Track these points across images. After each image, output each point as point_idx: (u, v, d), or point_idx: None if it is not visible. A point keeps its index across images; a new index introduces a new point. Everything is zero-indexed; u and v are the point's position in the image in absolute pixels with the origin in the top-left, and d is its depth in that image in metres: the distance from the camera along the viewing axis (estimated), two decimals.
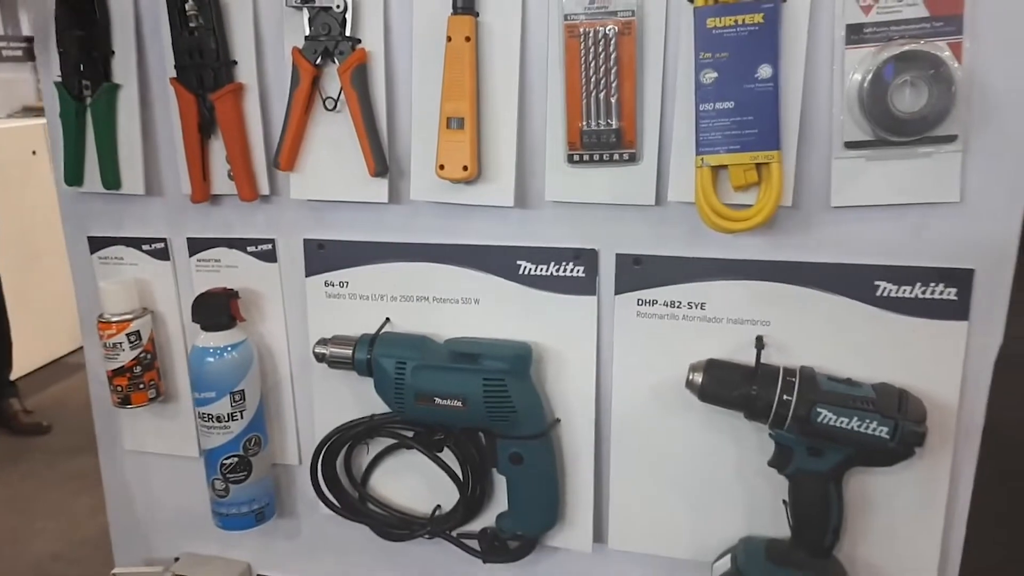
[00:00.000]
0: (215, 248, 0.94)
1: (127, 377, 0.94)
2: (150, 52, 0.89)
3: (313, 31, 0.81)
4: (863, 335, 0.77)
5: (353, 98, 0.81)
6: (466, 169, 0.80)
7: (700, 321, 0.81)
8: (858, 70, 0.71)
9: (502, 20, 0.78)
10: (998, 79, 0.69)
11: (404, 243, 0.88)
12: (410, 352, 0.85)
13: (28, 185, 3.27)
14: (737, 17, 0.70)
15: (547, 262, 0.84)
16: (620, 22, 0.75)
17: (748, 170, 0.73)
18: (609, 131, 0.77)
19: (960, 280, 0.74)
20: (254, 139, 0.87)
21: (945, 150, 0.71)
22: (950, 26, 0.69)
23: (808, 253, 0.77)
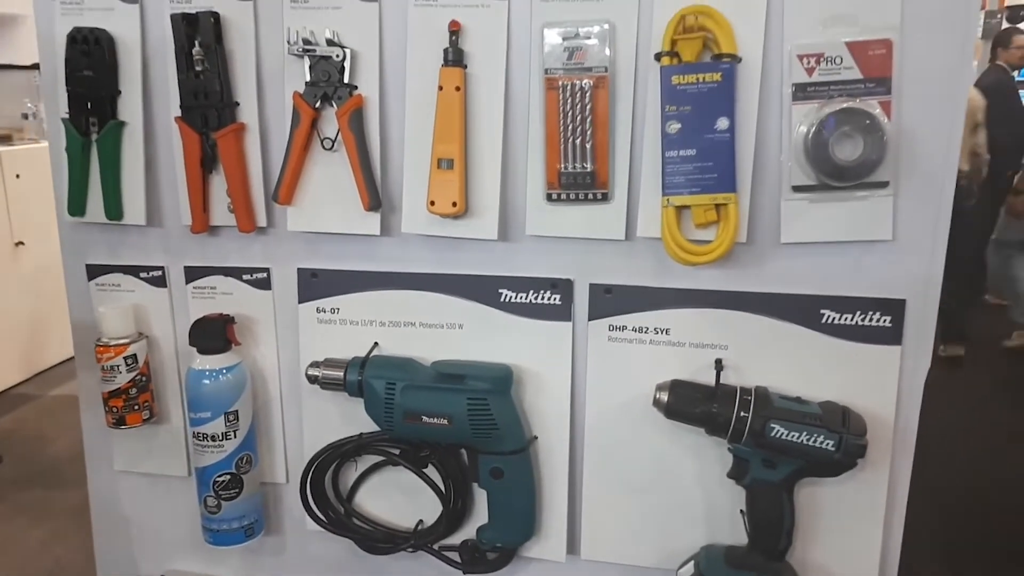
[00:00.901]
0: (211, 276, 0.99)
1: (123, 399, 0.98)
2: (156, 92, 0.95)
3: (314, 77, 0.88)
4: (810, 358, 0.86)
5: (350, 139, 0.88)
6: (455, 205, 0.87)
7: (665, 345, 0.89)
8: (803, 123, 0.81)
9: (489, 72, 0.86)
10: (922, 132, 0.80)
11: (394, 272, 0.94)
12: (399, 373, 0.91)
13: None
14: (698, 75, 0.79)
15: (527, 290, 0.92)
16: (595, 77, 0.84)
17: (708, 210, 0.82)
18: (584, 173, 0.86)
19: (893, 309, 0.84)
20: (254, 175, 0.93)
21: (878, 194, 0.81)
22: (881, 87, 0.79)
23: (761, 284, 0.86)
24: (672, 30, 0.79)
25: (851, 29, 0.78)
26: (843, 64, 0.79)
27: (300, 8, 0.88)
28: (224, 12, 0.90)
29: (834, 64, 0.79)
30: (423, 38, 0.86)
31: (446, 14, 0.85)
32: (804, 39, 0.79)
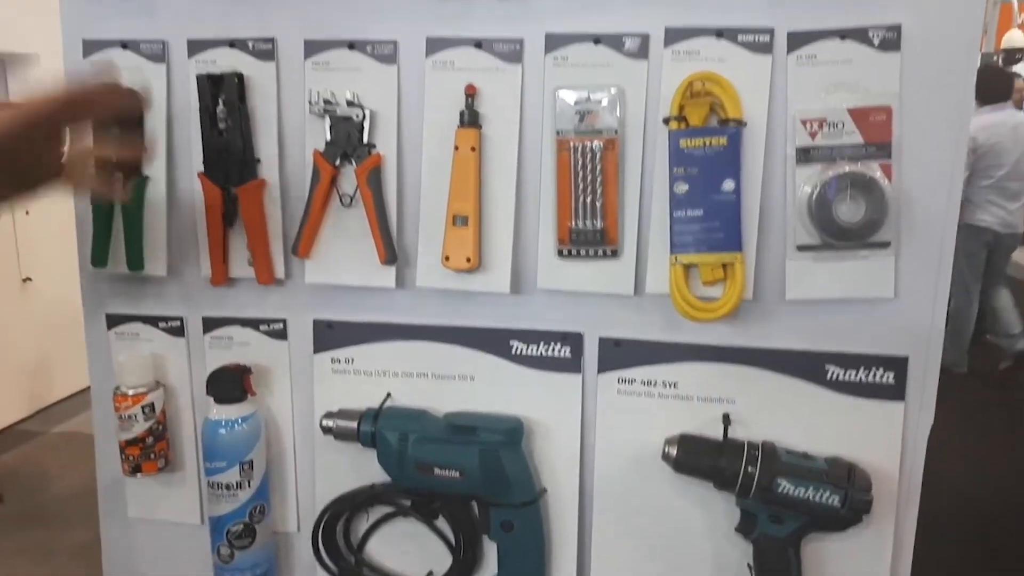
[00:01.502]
0: (229, 326, 1.01)
1: (139, 447, 1.00)
2: (179, 148, 0.98)
3: (334, 136, 0.91)
4: (816, 413, 0.88)
5: (368, 196, 0.91)
6: (469, 261, 0.90)
7: (674, 399, 0.91)
8: (807, 184, 0.84)
9: (503, 133, 0.89)
10: (921, 194, 0.83)
11: (408, 324, 0.97)
12: (412, 425, 0.93)
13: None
14: (705, 139, 0.82)
15: (537, 343, 0.94)
16: (605, 139, 0.87)
17: (715, 268, 0.84)
18: (594, 230, 0.88)
19: (897, 366, 0.86)
20: (273, 229, 0.96)
21: (880, 254, 0.83)
22: (881, 151, 0.82)
23: (767, 340, 0.88)
24: (680, 95, 0.83)
25: (852, 96, 0.82)
26: (845, 129, 0.82)
27: (321, 70, 0.92)
28: (248, 72, 0.93)
29: (836, 129, 0.82)
30: (440, 100, 0.89)
31: (462, 77, 0.88)
32: (807, 105, 0.82)
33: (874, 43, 0.80)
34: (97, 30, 0.97)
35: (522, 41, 0.87)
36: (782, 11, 0.81)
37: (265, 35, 0.93)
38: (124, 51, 0.96)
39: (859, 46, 0.80)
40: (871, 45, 0.80)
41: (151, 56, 0.95)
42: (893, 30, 0.80)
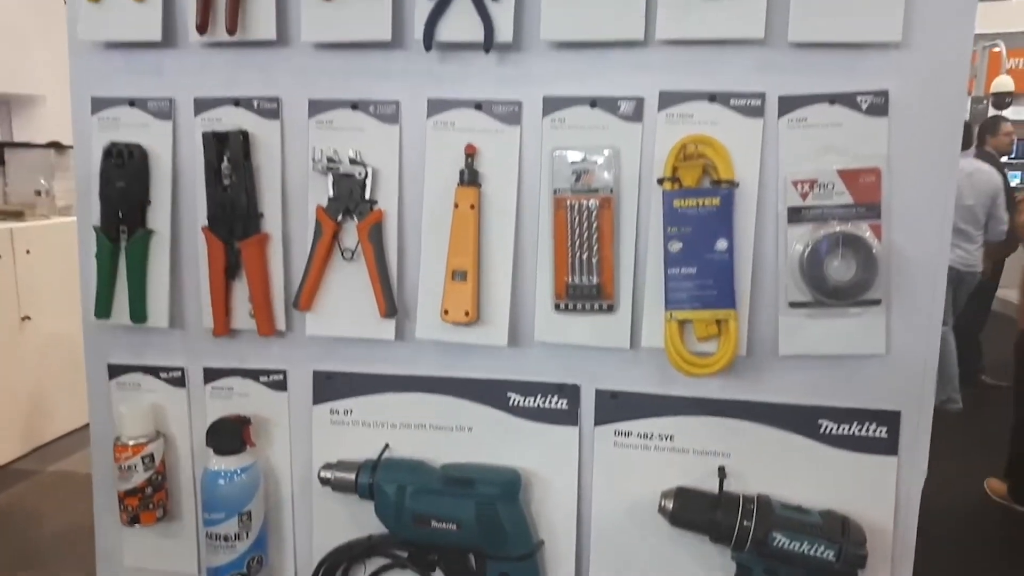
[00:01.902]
0: (229, 377, 1.02)
1: (138, 497, 1.00)
2: (184, 202, 1.00)
3: (336, 192, 0.93)
4: (810, 467, 0.89)
5: (369, 250, 0.93)
6: (467, 314, 0.91)
7: (670, 452, 0.92)
8: (799, 244, 0.85)
9: (502, 192, 0.91)
10: (910, 253, 0.85)
11: (406, 376, 0.98)
12: (410, 477, 0.94)
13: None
14: (698, 200, 0.85)
15: (535, 395, 0.95)
16: (601, 197, 0.89)
17: (709, 324, 0.86)
18: (590, 285, 0.90)
19: (889, 420, 0.87)
20: (275, 282, 0.98)
21: (871, 311, 0.85)
22: (871, 211, 0.84)
23: (762, 394, 0.89)
24: (674, 157, 0.85)
25: (842, 158, 0.84)
26: (835, 190, 0.84)
27: (325, 128, 0.94)
28: (253, 130, 0.96)
29: (827, 190, 0.84)
30: (440, 159, 0.92)
31: (463, 138, 0.91)
32: (798, 166, 0.85)
33: (862, 108, 0.83)
34: (106, 87, 0.99)
35: (520, 103, 0.90)
36: (773, 76, 0.84)
37: (270, 94, 0.95)
38: (131, 108, 0.98)
39: (848, 111, 0.83)
40: (859, 110, 0.83)
41: (158, 113, 0.98)
42: (881, 95, 0.82)
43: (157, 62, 0.97)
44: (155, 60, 0.97)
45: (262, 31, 0.92)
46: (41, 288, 3.59)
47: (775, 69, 0.84)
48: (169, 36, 0.96)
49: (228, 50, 0.95)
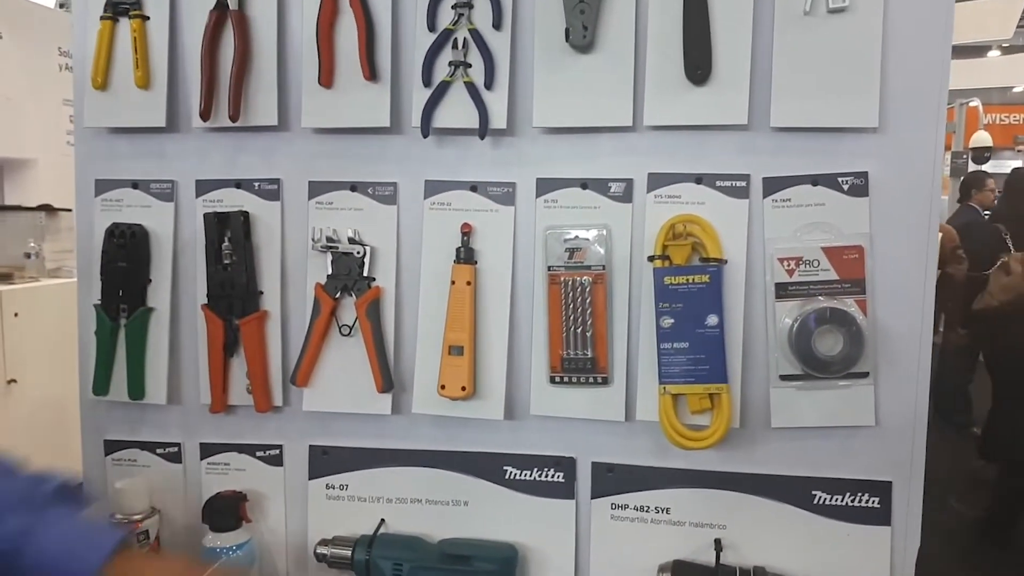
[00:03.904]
0: (226, 452, 1.03)
1: None
2: (184, 281, 1.01)
3: (335, 271, 0.96)
4: (805, 538, 0.89)
5: (367, 327, 0.95)
6: (464, 389, 0.93)
7: (666, 524, 0.93)
8: (787, 318, 0.88)
9: (497, 269, 0.94)
10: (895, 327, 0.87)
11: (402, 450, 0.99)
12: (406, 554, 0.94)
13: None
14: (688, 277, 0.87)
15: (531, 468, 0.96)
16: (593, 274, 0.91)
17: (703, 398, 0.87)
18: (585, 359, 0.92)
19: (881, 491, 0.88)
20: (273, 358, 0.99)
21: (860, 383, 0.87)
22: (856, 287, 0.87)
23: (755, 466, 0.91)
24: (663, 236, 0.88)
25: (826, 236, 0.87)
26: (820, 266, 0.87)
27: (324, 209, 0.97)
28: (253, 211, 0.98)
29: (812, 266, 0.87)
30: (437, 237, 0.94)
31: (459, 217, 0.94)
32: (783, 244, 0.88)
33: (844, 188, 0.86)
34: (109, 170, 1.02)
35: (515, 185, 0.93)
36: (756, 159, 0.88)
37: (271, 176, 0.98)
38: (135, 191, 1.01)
39: (830, 191, 0.86)
40: (841, 190, 0.86)
41: (160, 195, 1.00)
42: (861, 177, 0.86)
43: (160, 146, 1.00)
44: (158, 144, 1.00)
45: (264, 117, 0.96)
46: (28, 351, 3.56)
47: (759, 152, 0.88)
48: (173, 122, 0.99)
49: (230, 134, 0.98)
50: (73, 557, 0.72)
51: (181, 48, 0.99)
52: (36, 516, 0.72)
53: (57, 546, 0.72)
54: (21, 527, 0.71)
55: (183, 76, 0.99)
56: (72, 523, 0.75)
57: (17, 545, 0.70)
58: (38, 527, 0.71)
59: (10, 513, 0.71)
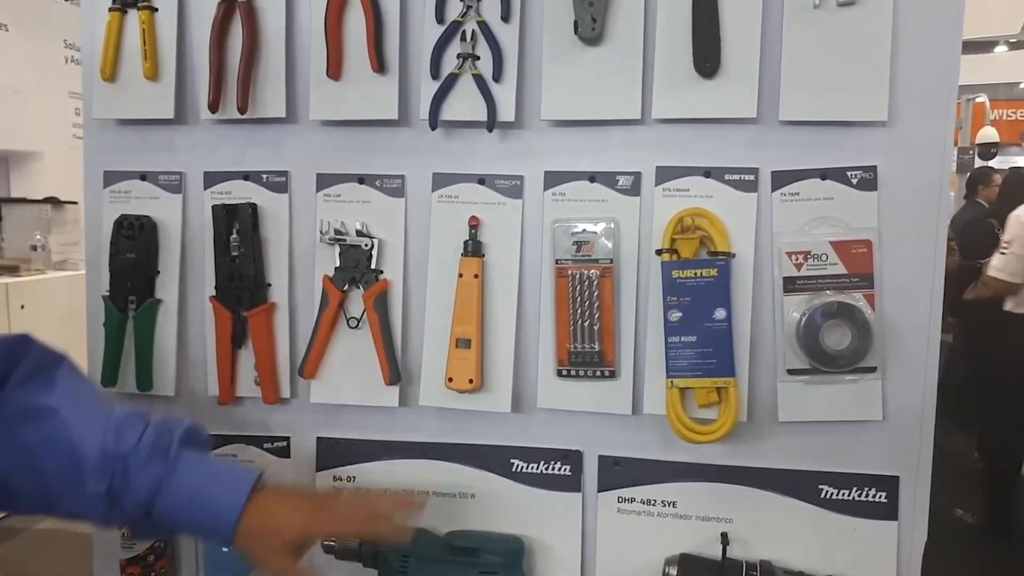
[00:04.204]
0: (233, 444, 1.03)
1: (140, 566, 1.00)
2: (192, 272, 1.01)
3: (343, 263, 0.96)
4: (812, 532, 0.90)
5: (374, 319, 0.95)
6: (471, 382, 0.93)
7: (673, 518, 0.93)
8: (795, 312, 0.88)
9: (504, 262, 0.94)
10: (904, 322, 0.87)
11: (410, 442, 0.99)
12: (413, 546, 0.94)
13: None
14: (696, 270, 0.87)
15: (538, 461, 0.96)
16: (601, 267, 0.91)
17: (710, 392, 0.88)
18: (592, 352, 0.92)
19: (888, 485, 0.88)
20: (281, 350, 0.99)
21: (867, 378, 0.87)
22: (864, 281, 0.87)
23: (762, 460, 0.91)
24: (672, 229, 0.88)
25: (834, 230, 0.87)
26: (828, 260, 0.87)
27: (332, 201, 0.97)
28: (261, 203, 0.98)
29: (820, 260, 0.87)
30: (445, 230, 0.94)
31: (466, 210, 0.94)
32: (792, 238, 0.88)
33: (853, 182, 0.86)
34: (118, 162, 1.02)
35: (522, 178, 0.93)
36: (765, 153, 0.88)
37: (279, 169, 0.98)
38: (143, 182, 1.01)
39: (839, 185, 0.86)
40: (850, 184, 0.86)
41: (168, 187, 1.00)
42: (869, 171, 0.86)
43: (169, 138, 1.00)
44: (167, 136, 1.00)
45: (272, 109, 0.96)
46: None
47: (767, 146, 0.88)
48: (181, 114, 0.99)
49: (238, 127, 0.98)
50: (215, 500, 0.72)
51: (189, 40, 0.99)
52: (171, 463, 0.72)
53: (197, 490, 0.72)
54: (158, 476, 0.71)
55: (191, 68, 0.99)
56: (207, 467, 0.76)
57: (157, 493, 0.71)
58: (175, 474, 0.71)
59: (146, 463, 0.71)
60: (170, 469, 0.72)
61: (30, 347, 0.73)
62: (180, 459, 0.73)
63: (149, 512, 0.72)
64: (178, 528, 0.78)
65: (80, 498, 0.71)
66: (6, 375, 0.71)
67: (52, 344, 0.75)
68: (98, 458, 0.70)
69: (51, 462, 0.70)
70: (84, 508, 0.72)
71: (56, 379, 0.73)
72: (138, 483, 0.71)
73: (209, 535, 0.76)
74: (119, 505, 0.71)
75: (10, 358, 0.72)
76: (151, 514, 0.72)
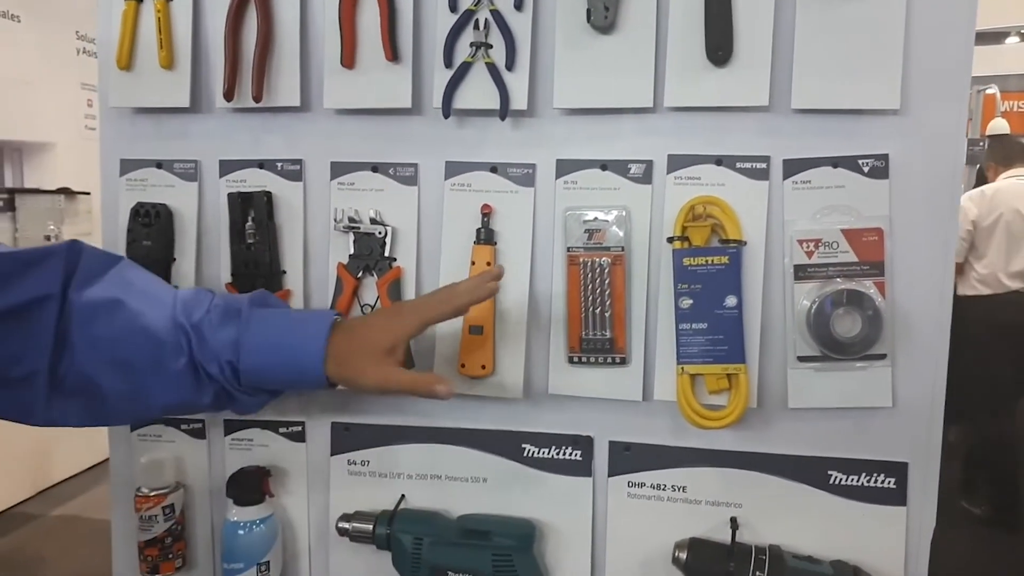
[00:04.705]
0: (249, 429, 1.04)
1: (158, 548, 1.02)
2: (208, 260, 1.03)
3: (357, 251, 0.97)
4: (820, 517, 0.90)
5: (388, 306, 0.96)
6: (484, 368, 0.94)
7: (683, 503, 0.94)
8: (805, 299, 0.88)
9: (516, 249, 0.95)
10: (914, 309, 0.87)
11: (423, 427, 1.00)
12: (426, 528, 0.95)
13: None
14: (707, 258, 0.88)
15: (548, 446, 0.97)
16: (612, 255, 0.92)
17: (720, 378, 0.88)
18: (603, 339, 0.93)
19: (897, 471, 0.89)
20: None
21: (877, 365, 0.88)
22: (875, 269, 0.87)
23: (772, 446, 0.91)
24: (683, 217, 0.88)
25: (845, 218, 0.87)
26: (839, 248, 0.88)
27: (346, 189, 0.98)
28: (276, 191, 0.99)
29: (831, 248, 0.88)
30: (457, 218, 0.95)
31: (479, 198, 0.94)
32: (803, 226, 0.88)
33: (864, 171, 0.86)
34: (134, 150, 1.03)
35: (535, 166, 0.94)
36: (777, 141, 0.88)
37: (293, 157, 0.99)
38: (159, 170, 1.02)
39: (850, 173, 0.87)
40: (861, 172, 0.86)
41: (184, 175, 1.02)
42: (881, 159, 0.86)
43: (184, 127, 1.02)
44: (182, 125, 1.01)
45: (286, 98, 0.97)
46: None
47: (779, 134, 0.88)
48: (196, 102, 1.00)
49: (253, 115, 0.99)
50: (296, 342, 0.74)
51: (205, 29, 1.00)
52: (244, 322, 0.74)
53: (277, 338, 0.74)
54: (234, 335, 0.73)
55: (207, 57, 1.00)
56: (281, 316, 0.78)
57: (238, 351, 0.73)
58: (249, 329, 0.73)
59: (219, 326, 0.74)
60: (244, 327, 0.74)
61: (82, 250, 0.75)
62: (253, 315, 0.75)
63: (236, 373, 0.73)
64: (269, 380, 0.79)
65: (166, 379, 0.73)
66: (68, 277, 0.73)
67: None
68: (171, 331, 0.72)
69: (129, 350, 0.72)
70: (173, 390, 0.74)
71: (114, 274, 0.75)
72: (216, 345, 0.73)
73: (300, 377, 0.77)
74: (205, 373, 0.73)
75: (66, 263, 0.73)
76: (238, 375, 0.73)
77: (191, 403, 0.77)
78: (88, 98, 4.06)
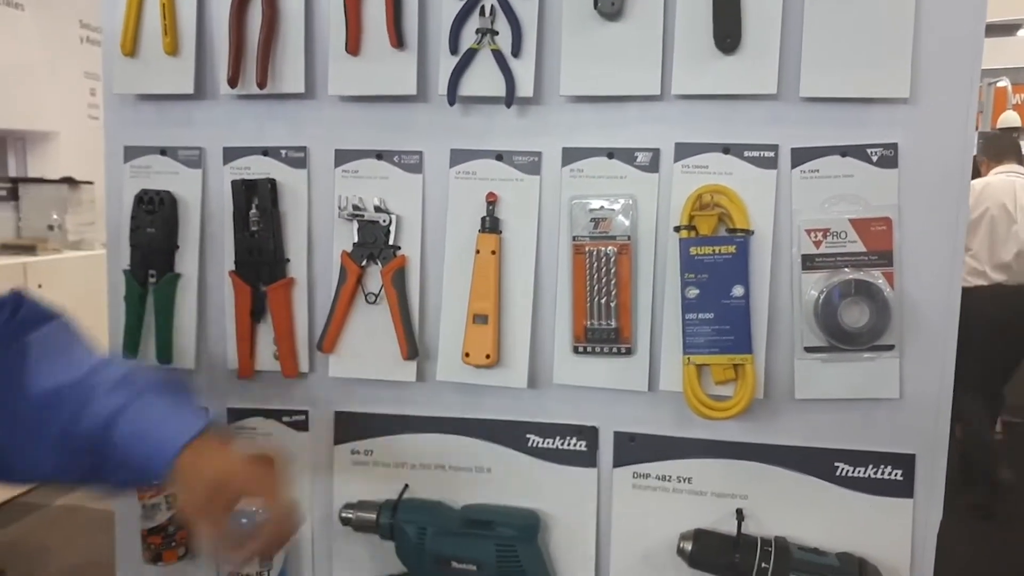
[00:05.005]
0: (252, 417, 1.04)
1: (161, 536, 1.01)
2: (211, 247, 1.02)
3: (361, 239, 0.96)
4: (826, 509, 0.90)
5: (392, 295, 0.96)
6: (488, 357, 0.94)
7: (688, 494, 0.93)
8: (813, 290, 0.88)
9: (522, 238, 0.94)
10: (922, 300, 0.87)
11: (427, 416, 1.00)
12: (430, 518, 0.95)
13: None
14: (715, 247, 0.87)
15: (553, 436, 0.97)
16: (618, 244, 0.91)
17: (727, 369, 0.88)
18: (609, 329, 0.92)
19: (904, 463, 0.88)
20: (299, 324, 1.00)
21: (885, 356, 0.87)
22: (883, 259, 0.87)
23: (778, 437, 0.91)
24: (690, 206, 0.88)
25: (854, 207, 0.87)
26: (847, 238, 0.87)
27: (351, 177, 0.97)
28: (280, 178, 0.99)
29: (839, 238, 0.87)
30: (463, 207, 0.95)
31: (484, 186, 0.94)
32: (811, 215, 0.87)
33: (873, 160, 0.85)
34: (138, 137, 1.03)
35: (540, 154, 0.93)
36: (785, 129, 0.87)
37: (298, 144, 0.98)
38: (163, 157, 1.02)
39: (859, 162, 0.86)
40: (870, 162, 0.85)
41: (188, 162, 1.01)
42: (890, 148, 0.85)
43: (188, 113, 1.01)
44: (186, 111, 1.01)
45: (291, 85, 0.96)
46: None
47: (787, 122, 0.87)
48: (200, 89, 1.00)
49: (257, 102, 0.99)
50: (156, 437, 0.72)
51: (209, 15, 0.99)
52: (132, 397, 0.72)
53: (144, 426, 0.71)
54: (116, 407, 0.71)
55: (211, 43, 1.00)
56: (163, 406, 0.74)
57: (109, 423, 0.71)
58: (132, 407, 0.72)
59: (109, 393, 0.72)
60: (131, 400, 0.72)
61: (21, 303, 0.74)
62: (144, 394, 0.73)
63: (103, 443, 0.71)
64: (123, 460, 0.73)
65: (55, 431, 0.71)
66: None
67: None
68: (72, 387, 0.71)
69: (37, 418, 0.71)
70: (51, 449, 0.71)
71: (33, 340, 0.73)
72: (99, 407, 0.71)
73: (146, 468, 0.73)
74: (78, 426, 0.70)
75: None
76: (103, 441, 0.71)
77: (61, 457, 0.72)
78: (91, 87, 4.05)
